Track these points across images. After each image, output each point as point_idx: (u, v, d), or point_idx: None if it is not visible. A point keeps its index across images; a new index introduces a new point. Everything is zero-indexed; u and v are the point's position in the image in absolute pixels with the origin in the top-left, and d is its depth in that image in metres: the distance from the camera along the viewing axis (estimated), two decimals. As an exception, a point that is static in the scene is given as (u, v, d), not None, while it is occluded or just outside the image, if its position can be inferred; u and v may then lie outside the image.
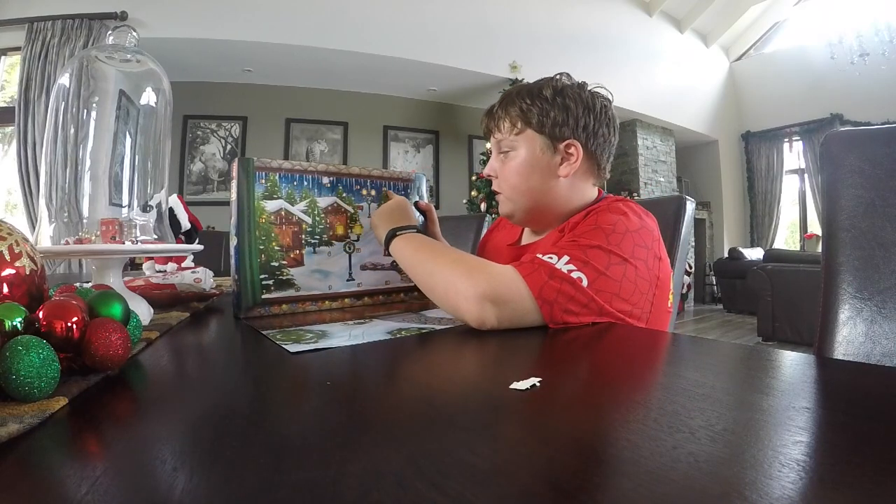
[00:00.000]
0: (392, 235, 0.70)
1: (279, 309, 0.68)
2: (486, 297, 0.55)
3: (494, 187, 0.81)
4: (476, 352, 0.49)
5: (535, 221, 0.82)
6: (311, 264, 0.70)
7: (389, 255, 0.72)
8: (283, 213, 0.68)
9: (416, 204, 0.83)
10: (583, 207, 0.76)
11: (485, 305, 0.55)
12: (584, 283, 0.57)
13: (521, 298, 0.56)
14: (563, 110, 0.73)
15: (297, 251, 0.69)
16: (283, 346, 0.47)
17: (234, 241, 0.65)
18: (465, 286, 0.56)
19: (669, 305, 0.71)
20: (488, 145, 0.84)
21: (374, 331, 0.55)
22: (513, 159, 0.76)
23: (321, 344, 0.48)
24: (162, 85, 0.65)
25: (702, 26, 5.98)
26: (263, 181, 0.67)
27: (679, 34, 5.86)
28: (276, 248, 0.67)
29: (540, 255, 0.60)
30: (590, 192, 0.79)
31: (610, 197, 0.78)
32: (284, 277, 0.68)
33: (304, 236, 0.70)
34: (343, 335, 0.53)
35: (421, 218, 0.84)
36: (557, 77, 0.77)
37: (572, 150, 0.74)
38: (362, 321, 0.62)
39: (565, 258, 0.59)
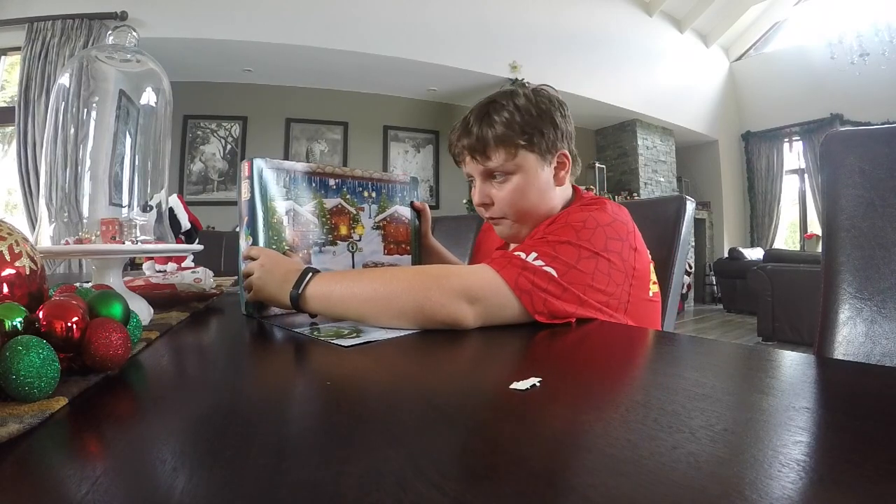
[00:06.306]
0: (303, 282, 0.59)
1: None
2: (461, 296, 0.54)
3: (492, 214, 0.76)
4: (476, 352, 0.49)
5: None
6: (317, 263, 0.71)
7: (303, 311, 0.60)
8: (293, 213, 0.70)
9: (411, 204, 0.85)
10: (563, 207, 0.76)
11: (461, 304, 0.54)
12: (555, 275, 0.57)
13: (497, 291, 0.56)
14: (551, 124, 0.72)
15: (306, 251, 0.71)
16: (332, 342, 0.49)
17: (248, 241, 0.66)
18: (435, 290, 0.54)
19: (652, 295, 0.70)
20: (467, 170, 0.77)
21: None
22: (512, 182, 0.73)
23: (364, 338, 0.50)
24: (162, 85, 0.65)
25: (702, 26, 5.98)
26: (275, 182, 0.68)
27: (679, 34, 5.86)
28: (287, 247, 0.69)
29: (510, 252, 0.61)
30: (569, 190, 0.80)
31: (585, 198, 0.77)
32: None
33: (311, 237, 0.72)
34: (376, 329, 0.55)
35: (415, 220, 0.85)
36: (525, 91, 0.74)
37: (563, 158, 0.75)
38: None
39: (533, 254, 0.59)
